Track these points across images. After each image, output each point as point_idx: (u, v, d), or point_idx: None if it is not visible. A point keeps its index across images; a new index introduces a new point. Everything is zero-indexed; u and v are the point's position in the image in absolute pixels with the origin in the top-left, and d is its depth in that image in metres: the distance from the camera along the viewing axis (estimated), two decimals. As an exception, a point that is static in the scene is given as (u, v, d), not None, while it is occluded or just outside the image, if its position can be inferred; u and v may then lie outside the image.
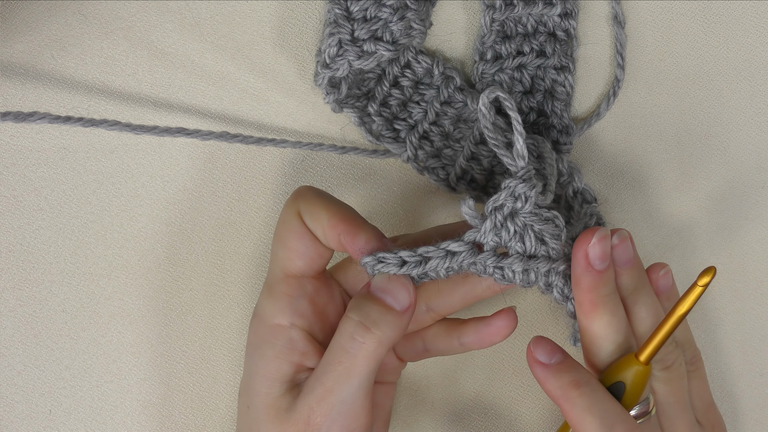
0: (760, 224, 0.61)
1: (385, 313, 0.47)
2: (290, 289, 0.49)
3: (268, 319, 0.49)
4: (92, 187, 0.56)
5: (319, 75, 0.55)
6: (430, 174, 0.57)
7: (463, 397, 0.59)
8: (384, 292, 0.47)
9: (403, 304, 0.47)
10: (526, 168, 0.48)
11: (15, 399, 0.56)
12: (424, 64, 0.57)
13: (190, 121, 0.57)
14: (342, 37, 0.54)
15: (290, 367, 0.49)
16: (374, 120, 0.57)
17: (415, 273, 0.48)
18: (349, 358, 0.47)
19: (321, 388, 0.47)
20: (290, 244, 0.49)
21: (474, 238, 0.48)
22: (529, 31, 0.58)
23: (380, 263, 0.48)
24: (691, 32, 0.60)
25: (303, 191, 0.50)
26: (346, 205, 0.49)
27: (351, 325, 0.47)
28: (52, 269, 0.56)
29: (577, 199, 0.56)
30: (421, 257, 0.48)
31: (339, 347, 0.47)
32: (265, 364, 0.49)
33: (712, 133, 0.60)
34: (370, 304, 0.47)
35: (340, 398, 0.47)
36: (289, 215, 0.49)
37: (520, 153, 0.48)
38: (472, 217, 0.48)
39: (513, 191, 0.48)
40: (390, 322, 0.47)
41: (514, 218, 0.48)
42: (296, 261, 0.49)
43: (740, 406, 0.61)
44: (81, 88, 0.56)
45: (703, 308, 0.60)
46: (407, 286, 0.48)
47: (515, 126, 0.48)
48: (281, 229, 0.50)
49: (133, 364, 0.57)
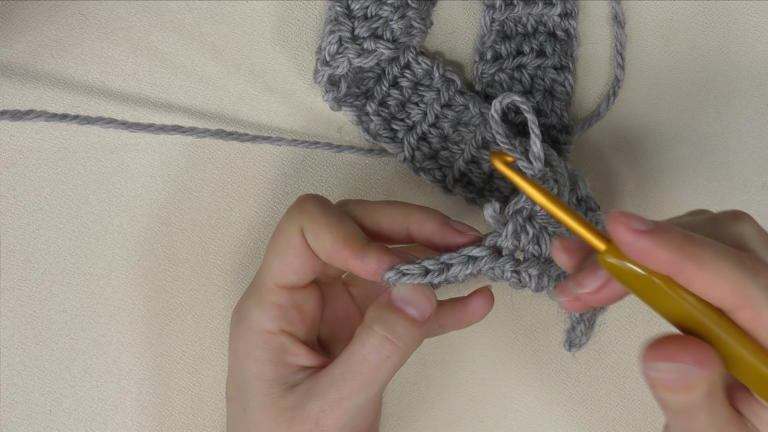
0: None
1: (411, 327, 0.47)
2: (280, 300, 0.49)
3: (257, 326, 0.49)
4: (92, 187, 0.56)
5: (319, 72, 0.55)
6: (426, 175, 0.57)
7: (463, 397, 0.59)
8: (407, 303, 0.47)
9: (425, 314, 0.47)
10: (543, 170, 0.48)
11: (15, 399, 0.56)
12: (424, 65, 0.57)
13: (190, 122, 0.57)
14: (342, 35, 0.54)
15: (286, 369, 0.49)
16: (372, 119, 0.57)
17: (437, 281, 0.47)
18: (372, 370, 0.46)
19: (336, 394, 0.47)
20: (288, 259, 0.49)
21: (495, 242, 0.48)
22: (529, 31, 0.58)
23: (404, 276, 0.47)
24: (691, 32, 0.60)
25: (308, 207, 0.49)
26: (349, 225, 0.48)
27: (376, 339, 0.47)
28: (52, 269, 0.56)
29: (581, 206, 0.56)
30: (444, 264, 0.47)
31: (361, 358, 0.47)
32: (260, 368, 0.49)
33: (712, 133, 0.60)
34: (394, 318, 0.47)
35: (355, 404, 0.47)
36: (291, 229, 0.48)
37: (538, 155, 0.48)
38: (497, 221, 0.48)
39: None
40: (415, 336, 0.47)
41: (531, 221, 0.48)
42: (290, 276, 0.49)
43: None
44: (81, 88, 0.56)
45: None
46: (429, 297, 0.47)
47: (532, 128, 0.48)
48: (280, 241, 0.49)
49: (133, 364, 0.57)
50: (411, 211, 0.50)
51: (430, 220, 0.49)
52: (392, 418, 0.59)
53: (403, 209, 0.50)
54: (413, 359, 0.58)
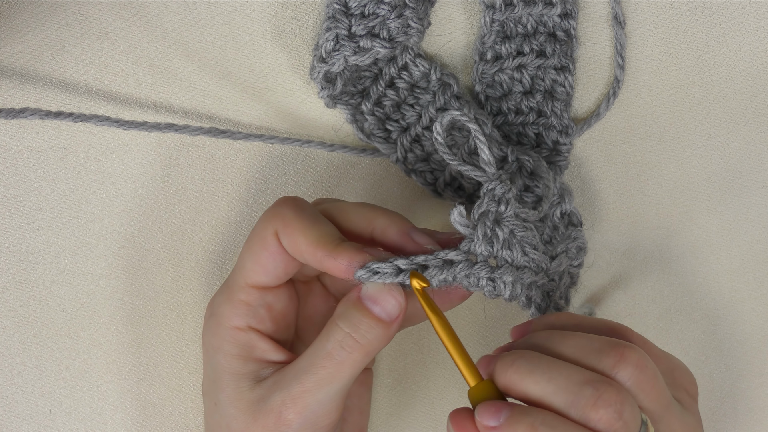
0: (760, 224, 0.61)
1: (375, 326, 0.47)
2: (250, 299, 0.49)
3: (226, 321, 0.50)
4: (92, 187, 0.56)
5: (315, 69, 0.55)
6: (417, 177, 0.57)
7: (463, 396, 0.59)
8: (374, 302, 0.47)
9: (391, 315, 0.47)
10: (497, 173, 0.49)
11: (15, 399, 0.56)
12: (422, 68, 0.57)
13: (190, 122, 0.57)
14: (339, 33, 0.54)
15: (255, 363, 0.49)
16: (367, 118, 0.57)
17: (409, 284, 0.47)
18: (335, 365, 0.47)
19: (299, 387, 0.47)
20: (260, 260, 0.49)
21: (469, 247, 0.48)
22: (529, 31, 0.58)
23: (375, 274, 0.47)
24: (691, 32, 0.60)
25: (282, 210, 0.49)
26: (324, 225, 0.49)
27: (340, 335, 0.47)
28: (52, 269, 0.56)
29: (563, 220, 0.56)
30: (418, 266, 0.47)
31: (325, 352, 0.47)
32: (229, 363, 0.49)
33: (712, 134, 0.60)
34: (359, 315, 0.47)
35: (317, 399, 0.47)
36: (265, 232, 0.49)
37: (487, 161, 0.49)
38: (464, 225, 0.48)
39: (493, 194, 0.48)
40: (379, 336, 0.47)
41: (500, 224, 0.48)
42: (262, 276, 0.49)
43: (740, 406, 0.61)
44: (80, 88, 0.56)
45: (703, 308, 0.60)
46: (397, 297, 0.47)
47: (477, 137, 0.49)
48: (255, 241, 0.49)
49: (133, 364, 0.57)
50: (376, 216, 0.50)
51: (392, 227, 0.49)
52: (392, 418, 0.59)
53: (369, 212, 0.50)
54: (413, 359, 0.58)
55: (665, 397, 0.46)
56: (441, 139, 0.50)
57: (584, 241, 0.56)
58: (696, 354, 0.60)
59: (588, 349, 0.46)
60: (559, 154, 0.58)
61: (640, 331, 0.59)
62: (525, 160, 0.55)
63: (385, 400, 0.58)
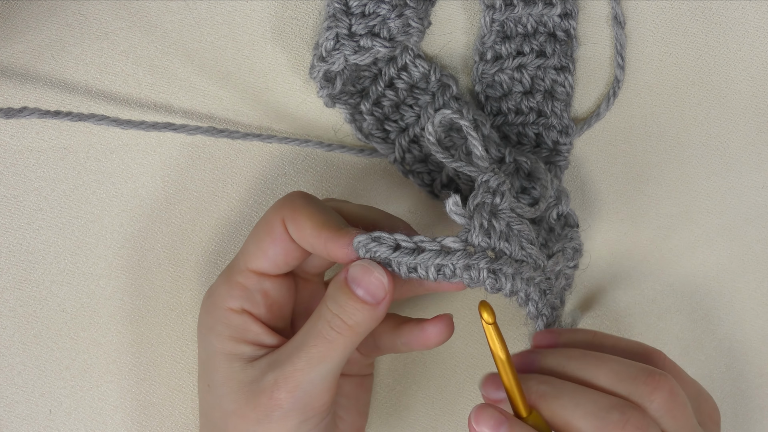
0: (759, 224, 0.61)
1: (360, 308, 0.47)
2: (248, 282, 0.50)
3: (221, 302, 0.50)
4: (92, 187, 0.56)
5: (315, 68, 0.55)
6: (414, 178, 0.57)
7: (463, 396, 0.59)
8: (357, 284, 0.48)
9: (376, 297, 0.47)
10: (490, 167, 0.49)
11: (15, 399, 0.56)
12: (422, 68, 0.57)
13: (190, 122, 0.57)
14: (339, 31, 0.54)
15: (247, 346, 0.50)
16: (365, 118, 0.57)
17: (406, 262, 0.47)
18: (325, 344, 0.47)
19: (291, 367, 0.48)
20: (263, 245, 0.50)
21: (466, 237, 0.47)
22: (529, 31, 0.58)
23: (374, 242, 0.47)
24: (691, 32, 0.60)
25: (292, 199, 0.50)
26: (331, 213, 0.49)
27: (329, 315, 0.48)
28: (52, 269, 0.56)
29: (560, 221, 0.56)
30: (416, 245, 0.47)
31: (316, 331, 0.48)
32: (222, 344, 0.50)
33: (712, 133, 0.60)
34: (344, 297, 0.48)
35: (308, 378, 0.47)
36: (272, 218, 0.50)
37: (480, 155, 0.49)
38: (460, 215, 0.48)
39: (488, 185, 0.48)
40: (366, 317, 0.48)
41: (496, 216, 0.48)
42: (263, 262, 0.50)
43: (740, 406, 0.61)
44: (81, 88, 0.56)
45: (703, 308, 0.60)
46: (381, 280, 0.47)
47: (469, 134, 0.49)
48: (261, 227, 0.50)
49: (133, 364, 0.57)
50: (379, 219, 0.52)
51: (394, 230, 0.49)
52: (392, 418, 0.59)
53: (373, 215, 0.52)
54: (413, 359, 0.58)
55: (692, 425, 0.48)
56: (433, 138, 0.50)
57: (581, 242, 0.56)
58: (696, 354, 0.60)
59: (624, 375, 0.47)
60: (559, 154, 0.58)
61: (640, 331, 0.60)
62: (522, 162, 0.55)
63: (385, 400, 0.58)
